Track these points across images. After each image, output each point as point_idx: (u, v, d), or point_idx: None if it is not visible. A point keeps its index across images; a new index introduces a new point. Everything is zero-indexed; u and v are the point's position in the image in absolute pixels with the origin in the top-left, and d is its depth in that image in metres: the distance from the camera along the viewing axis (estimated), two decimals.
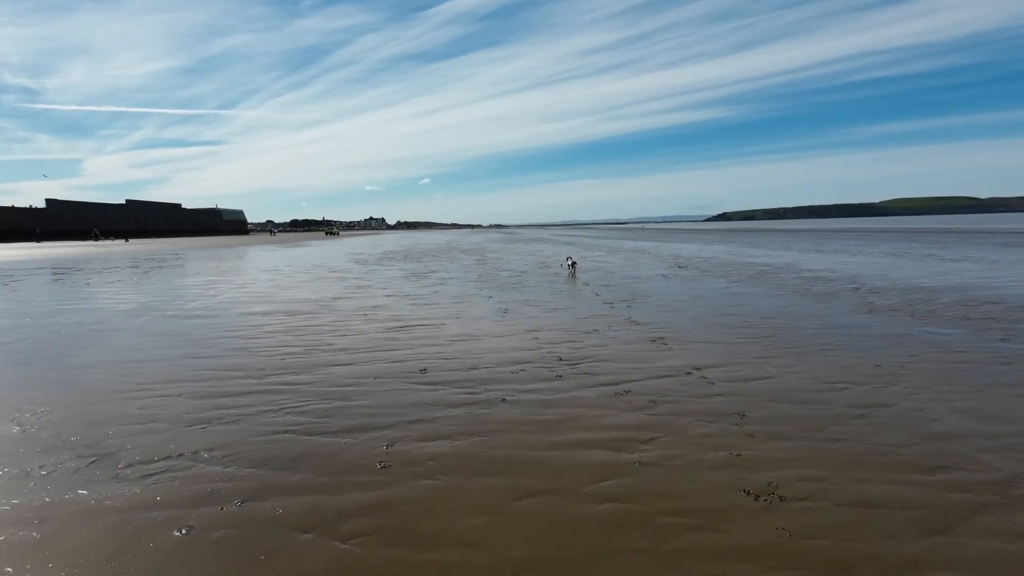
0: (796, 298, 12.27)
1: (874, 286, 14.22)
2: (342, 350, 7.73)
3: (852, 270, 18.72)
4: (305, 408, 5.21)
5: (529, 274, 19.39)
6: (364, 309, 11.58)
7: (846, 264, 21.26)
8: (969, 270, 17.91)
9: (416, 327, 9.41)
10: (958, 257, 23.78)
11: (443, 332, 8.94)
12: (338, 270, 22.74)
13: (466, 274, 19.93)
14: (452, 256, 32.80)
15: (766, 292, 13.39)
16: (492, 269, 21.98)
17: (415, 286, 16.09)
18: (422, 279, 18.23)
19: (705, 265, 22.04)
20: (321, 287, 16.08)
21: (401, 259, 30.37)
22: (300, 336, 8.78)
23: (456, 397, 5.53)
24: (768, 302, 11.75)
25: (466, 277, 18.67)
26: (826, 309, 10.73)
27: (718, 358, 6.96)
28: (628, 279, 17.06)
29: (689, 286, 14.90)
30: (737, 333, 8.54)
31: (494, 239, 73.90)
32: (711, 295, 12.99)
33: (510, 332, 8.88)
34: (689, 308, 11.07)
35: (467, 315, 10.63)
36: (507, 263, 25.60)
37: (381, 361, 7.06)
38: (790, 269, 19.60)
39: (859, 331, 8.57)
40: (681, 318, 9.94)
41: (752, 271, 19.04)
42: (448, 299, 13.07)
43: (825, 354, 7.11)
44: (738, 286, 14.71)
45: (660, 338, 8.24)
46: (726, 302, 11.83)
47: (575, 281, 16.46)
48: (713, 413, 4.95)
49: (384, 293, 14.41)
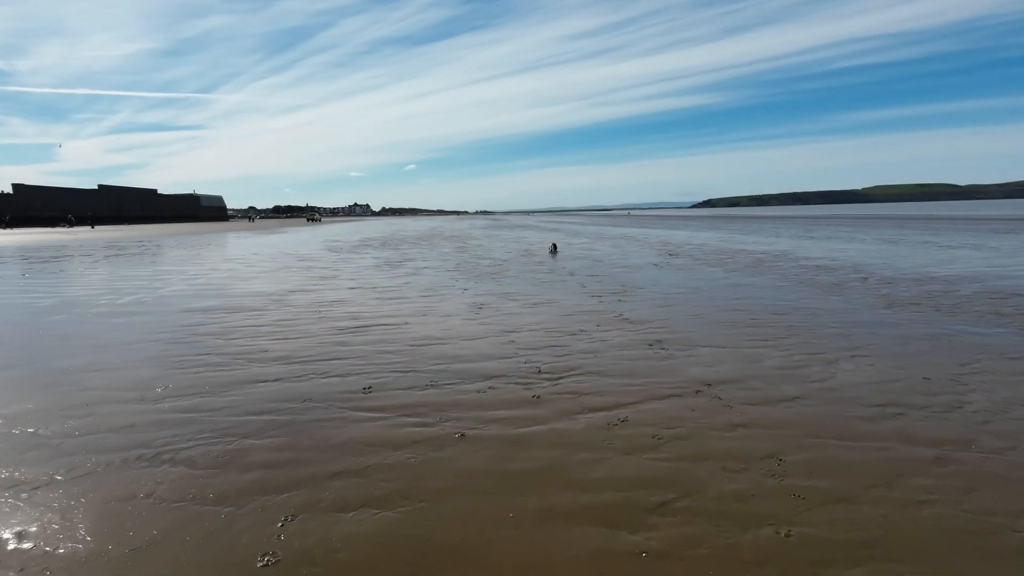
0: (803, 290, 11.12)
1: (882, 276, 13.13)
2: (277, 359, 6.39)
3: (852, 258, 17.67)
4: (191, 453, 3.87)
5: (511, 263, 18.07)
6: (321, 305, 10.21)
7: (843, 251, 20.23)
8: (974, 257, 16.94)
9: (374, 327, 8.08)
10: (955, 244, 22.89)
11: (404, 334, 7.62)
12: (307, 259, 21.23)
13: (443, 263, 18.56)
14: (432, 243, 31.34)
15: (769, 283, 12.23)
16: (472, 257, 20.62)
17: (385, 276, 14.70)
18: (395, 268, 16.83)
19: (697, 253, 20.88)
20: (281, 278, 14.63)
21: (378, 247, 28.86)
22: (233, 340, 7.40)
23: (401, 431, 4.23)
24: (774, 295, 10.57)
25: (443, 266, 17.30)
26: (840, 303, 9.57)
27: (730, 369, 5.73)
28: (617, 268, 15.82)
29: (684, 276, 13.70)
30: (746, 334, 7.33)
31: (479, 226, 72.34)
32: (709, 287, 11.79)
33: (483, 334, 7.59)
34: (687, 302, 9.85)
35: (436, 312, 9.31)
36: (489, 251, 24.25)
37: (319, 375, 5.74)
38: (787, 257, 18.51)
39: (887, 331, 7.40)
40: (679, 315, 8.72)
41: (748, 259, 17.91)
42: (418, 292, 11.73)
43: (858, 363, 5.92)
44: (737, 276, 13.54)
45: (658, 341, 7.00)
46: (727, 295, 10.63)
47: (559, 269, 15.19)
48: (740, 456, 3.72)
49: (349, 285, 13.02)
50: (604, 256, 20.09)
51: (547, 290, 11.61)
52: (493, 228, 59.13)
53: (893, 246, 22.58)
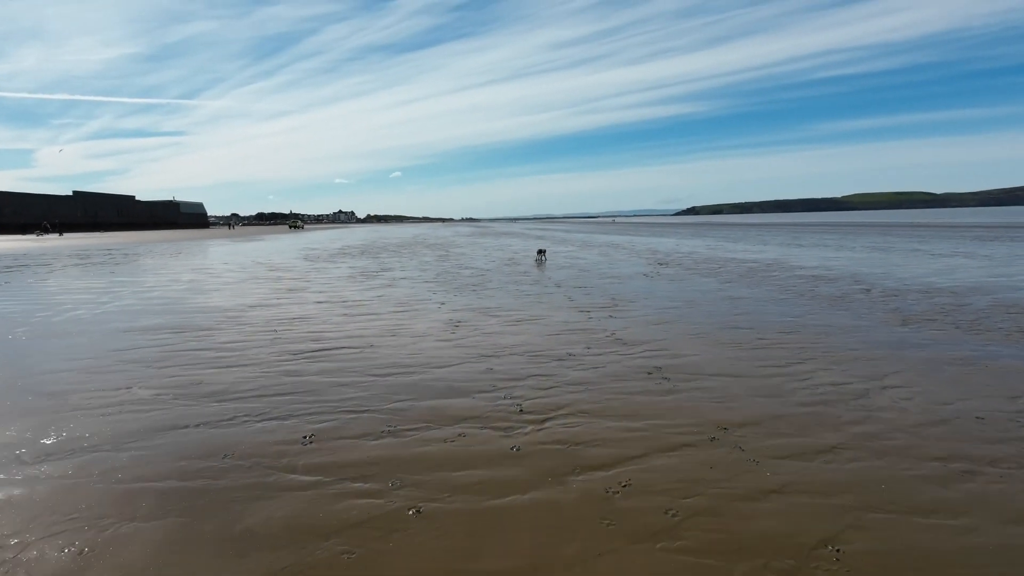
0: (805, 303, 10.33)
1: (885, 287, 12.41)
2: (210, 395, 5.36)
3: (847, 267, 17.02)
4: (41, 551, 2.85)
5: (494, 273, 17.13)
6: (280, 322, 9.18)
7: (836, 260, 19.62)
8: (971, 267, 16.37)
9: (335, 352, 7.08)
10: (946, 252, 22.44)
11: (367, 360, 6.63)
12: (278, 268, 20.09)
13: (423, 273, 17.56)
14: (414, 251, 30.30)
15: (767, 295, 11.43)
16: (454, 267, 19.64)
17: (358, 289, 13.67)
18: (370, 279, 15.80)
19: (687, 262, 20.13)
20: (244, 291, 13.53)
21: (357, 255, 27.75)
22: (165, 369, 6.35)
23: (339, 506, 3.25)
24: (776, 309, 9.76)
25: (422, 277, 16.31)
26: (849, 319, 8.77)
27: (747, 406, 4.84)
28: (606, 279, 14.96)
29: (677, 288, 12.86)
30: (756, 358, 6.46)
31: (463, 233, 71.36)
32: (705, 299, 10.95)
33: (457, 359, 6.63)
34: (684, 318, 8.99)
35: (408, 331, 8.33)
36: (471, 259, 23.30)
37: (255, 417, 4.73)
38: (780, 266, 17.81)
39: (912, 354, 6.59)
40: (677, 334, 7.84)
41: (740, 269, 17.16)
42: (391, 307, 10.74)
43: (892, 396, 5.06)
44: (732, 287, 12.74)
45: (657, 368, 6.10)
46: (726, 309, 9.79)
47: (544, 280, 14.28)
48: (784, 545, 2.80)
49: (317, 299, 11.97)
50: (591, 265, 19.25)
51: (532, 304, 10.69)
52: (477, 235, 58.22)
53: (885, 254, 22.06)
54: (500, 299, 11.45)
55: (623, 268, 18.08)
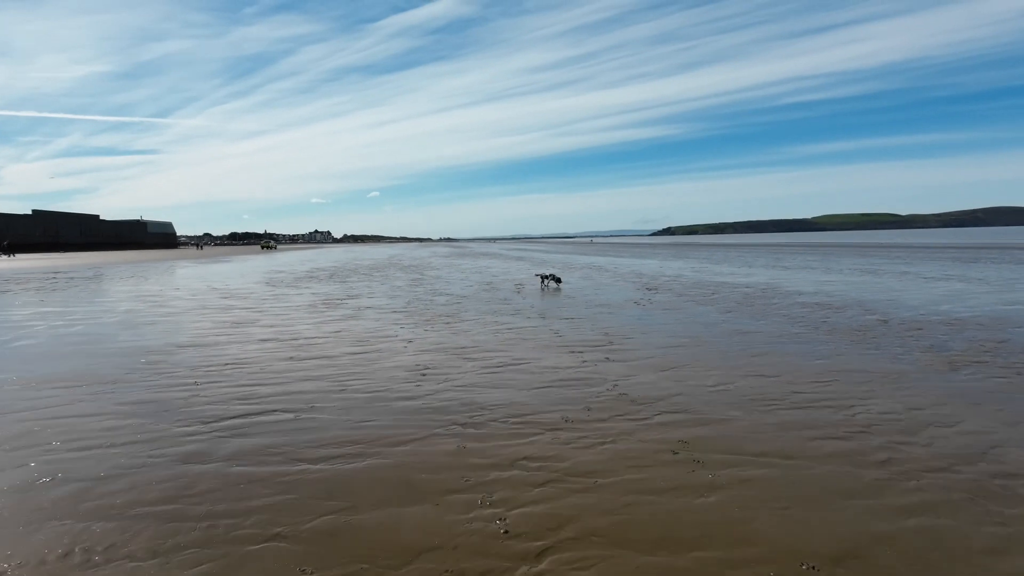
0: (825, 339, 9.05)
1: (901, 317, 11.25)
2: (34, 511, 3.73)
3: (847, 292, 15.93)
4: None
5: (471, 300, 15.61)
6: (209, 369, 7.52)
7: (832, 285, 18.58)
8: (976, 292, 15.39)
9: (261, 419, 5.47)
10: (938, 275, 21.67)
11: (300, 434, 5.04)
12: (233, 295, 18.27)
13: (392, 300, 15.95)
14: (386, 274, 28.64)
15: (779, 329, 10.14)
16: (427, 293, 18.07)
17: (316, 321, 12.02)
18: (333, 309, 14.14)
19: (676, 286, 18.89)
20: (184, 324, 11.77)
21: (325, 279, 25.98)
22: (12, 452, 4.67)
23: None
24: (796, 349, 8.43)
25: (390, 305, 14.71)
26: (886, 362, 7.47)
27: (832, 525, 3.40)
28: (594, 307, 13.57)
29: (675, 319, 11.51)
30: (805, 426, 5.05)
31: (441, 253, 69.81)
32: (712, 335, 9.60)
33: (420, 429, 5.09)
34: (695, 360, 7.60)
35: (361, 383, 6.75)
36: (448, 283, 21.76)
37: (97, 557, 3.12)
38: (776, 292, 16.67)
39: (999, 417, 5.25)
40: (694, 385, 6.42)
41: (735, 295, 15.95)
42: (349, 346, 9.14)
43: (1019, 503, 3.69)
44: (736, 318, 11.44)
45: (683, 444, 4.64)
46: (739, 348, 8.44)
47: (527, 309, 12.82)
48: None
49: (264, 335, 10.31)
50: (575, 291, 17.87)
51: (513, 342, 9.20)
52: (455, 256, 56.71)
53: (876, 277, 21.16)
54: (477, 335, 9.93)
55: (610, 294, 16.74)
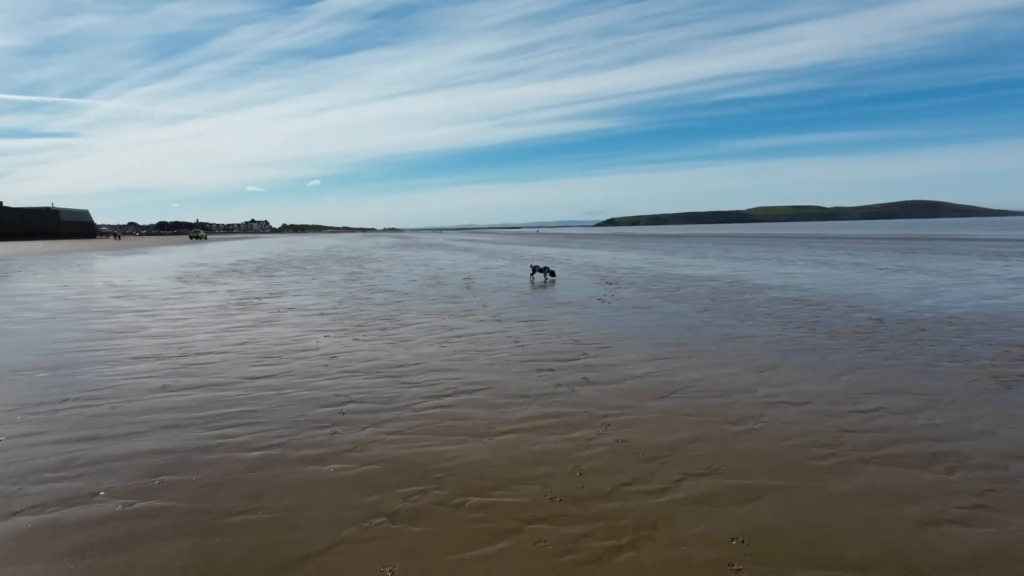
0: (829, 344, 7.72)
1: (893, 315, 10.18)
2: None
3: (817, 286, 14.97)
4: None
5: (414, 298, 13.65)
6: (28, 412, 5.34)
7: (795, 277, 17.70)
8: (944, 284, 14.69)
9: (50, 521, 3.46)
10: (891, 266, 21.22)
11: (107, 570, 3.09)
12: (132, 294, 15.52)
13: (322, 299, 13.77)
14: (322, 267, 26.08)
15: (772, 332, 8.79)
16: (364, 289, 15.93)
17: (221, 328, 9.79)
18: (247, 311, 11.87)
19: (638, 280, 17.54)
20: (46, 334, 9.27)
21: (249, 273, 23.23)
22: None
23: None
24: (805, 359, 7.03)
25: (318, 306, 12.55)
26: (922, 378, 6.15)
27: None
28: (555, 306, 11.92)
29: (650, 320, 10.01)
30: (890, 488, 3.54)
31: (384, 244, 66.72)
32: (699, 341, 8.12)
33: (320, 532, 3.24)
34: (694, 378, 6.02)
35: (246, 435, 4.79)
36: (388, 277, 19.62)
37: None
38: (745, 285, 15.56)
39: None
40: (711, 422, 4.82)
41: (703, 289, 14.71)
42: (252, 365, 7.08)
43: None
44: (717, 319, 10.05)
45: (739, 543, 3.00)
46: (739, 359, 6.95)
47: (479, 308, 11.01)
48: None
49: (143, 350, 8.04)
50: (529, 285, 16.21)
51: (466, 355, 7.40)
52: (399, 247, 54.03)
53: (834, 269, 20.55)
54: (420, 345, 8.06)
55: (570, 290, 15.16)
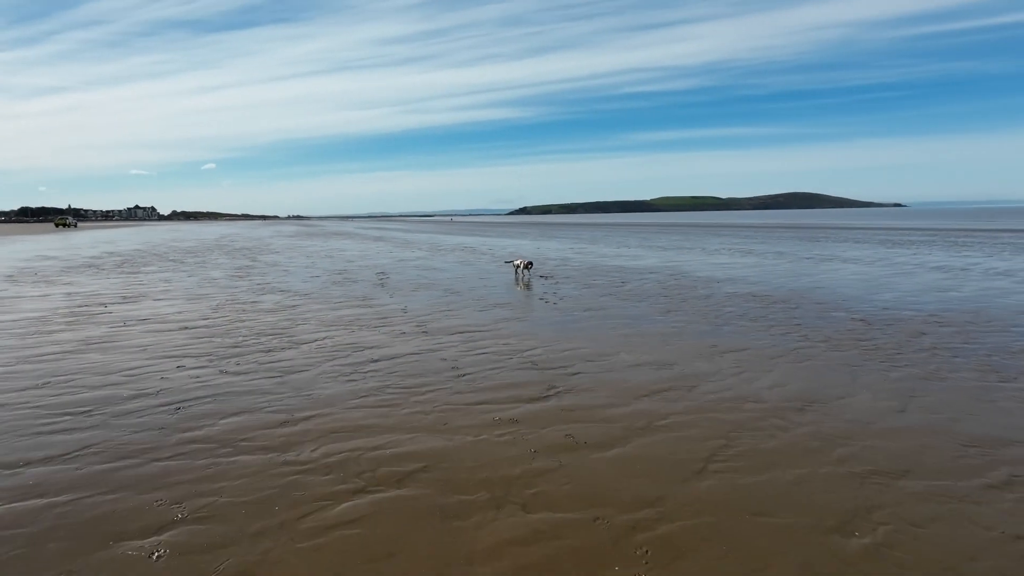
0: (836, 357, 6.24)
1: (871, 314, 9.05)
2: None
3: (765, 279, 13.89)
4: None
5: (315, 300, 11.02)
6: None
7: (734, 268, 16.77)
8: (886, 276, 14.21)
9: None
10: (818, 256, 21.14)
11: None
12: None
13: (192, 305, 10.77)
14: (205, 260, 22.24)
15: (763, 343, 7.21)
16: (252, 290, 12.98)
17: (13, 358, 6.80)
18: (78, 326, 8.75)
19: (574, 274, 15.83)
20: None
21: (110, 268, 19.10)
22: None
23: None
24: (837, 381, 5.45)
25: (183, 315, 9.63)
26: (998, 414, 4.73)
27: None
28: (491, 309, 9.83)
29: (610, 327, 8.19)
30: None
31: (285, 233, 61.26)
32: (687, 360, 6.37)
33: None
34: (729, 439, 4.22)
35: None
36: (286, 273, 16.58)
37: None
38: (688, 278, 14.27)
39: None
40: (809, 538, 2.99)
41: (648, 284, 13.20)
42: (37, 429, 4.42)
43: None
44: (686, 322, 8.42)
45: None
46: (764, 392, 5.25)
47: (395, 313, 8.68)
48: None
49: None
50: (455, 280, 14.00)
51: (388, 398, 5.13)
52: (303, 236, 49.44)
53: (766, 259, 20.02)
54: (319, 382, 5.66)
55: (504, 287, 13.10)
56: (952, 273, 14.90)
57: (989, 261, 17.98)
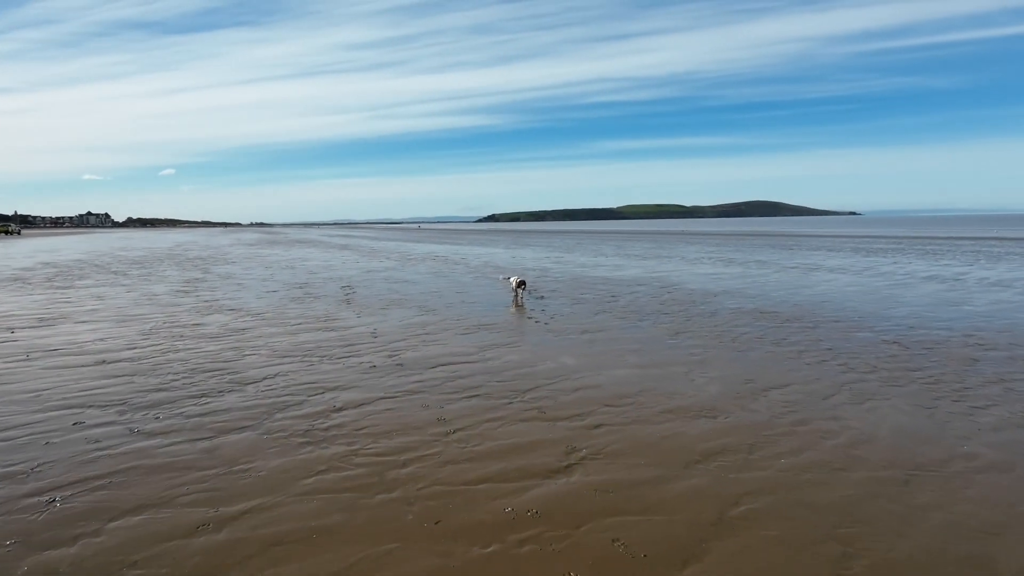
0: (906, 393, 5.17)
1: (902, 334, 8.08)
2: None
3: (758, 291, 12.95)
4: None
5: (269, 321, 9.50)
6: None
7: (721, 279, 15.85)
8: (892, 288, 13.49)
9: None
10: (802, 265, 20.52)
11: None
12: None
13: (121, 328, 9.10)
14: (152, 272, 20.21)
15: (807, 374, 6.10)
16: (196, 309, 11.32)
17: None
18: None
19: (560, 287, 14.63)
20: None
21: (38, 282, 17.00)
22: None
23: None
24: (920, 430, 4.35)
25: (103, 346, 8.00)
26: None
27: None
28: (476, 332, 8.51)
29: (615, 357, 6.96)
30: None
31: (246, 241, 58.52)
32: (721, 398, 5.20)
33: None
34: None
35: None
36: (240, 287, 14.88)
37: None
38: (680, 290, 13.24)
39: None
40: None
41: (641, 298, 12.09)
42: None
43: None
44: (702, 347, 7.27)
45: None
46: (851, 460, 4.10)
47: (363, 338, 7.28)
48: None
49: None
50: (430, 295, 12.61)
51: (351, 464, 3.78)
52: (264, 244, 47.06)
53: (746, 268, 19.22)
54: (260, 448, 4.26)
55: (484, 303, 11.78)
56: (948, 284, 14.30)
57: (973, 271, 17.59)
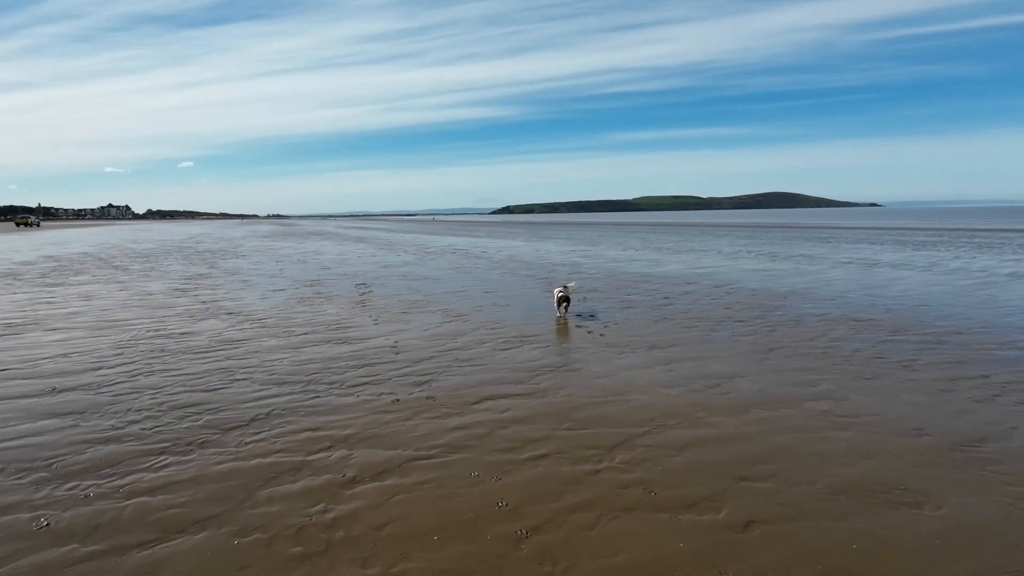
0: None
1: None
2: None
3: (835, 291, 11.13)
4: None
5: (271, 328, 8.01)
6: None
7: (775, 276, 14.07)
8: (975, 288, 11.64)
9: None
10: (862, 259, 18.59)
11: None
12: None
13: (97, 338, 7.66)
14: (155, 266, 18.93)
15: (977, 415, 4.46)
16: (189, 313, 9.89)
17: None
18: None
19: (599, 286, 12.98)
20: None
21: (32, 277, 15.77)
22: None
23: None
24: None
25: (66, 364, 6.57)
26: None
27: None
28: (519, 347, 6.92)
29: (712, 384, 5.35)
30: None
31: (260, 233, 57.53)
32: (899, 468, 3.57)
33: None
34: None
35: None
36: (245, 283, 13.46)
37: None
38: (740, 291, 11.52)
39: None
40: None
41: (702, 300, 10.40)
42: None
43: None
44: (815, 373, 5.61)
45: None
46: None
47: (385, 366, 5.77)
48: None
49: None
50: (455, 296, 11.05)
51: None
52: (277, 237, 45.92)
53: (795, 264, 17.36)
54: (233, 560, 2.75)
55: (515, 304, 10.19)
56: None
57: None
